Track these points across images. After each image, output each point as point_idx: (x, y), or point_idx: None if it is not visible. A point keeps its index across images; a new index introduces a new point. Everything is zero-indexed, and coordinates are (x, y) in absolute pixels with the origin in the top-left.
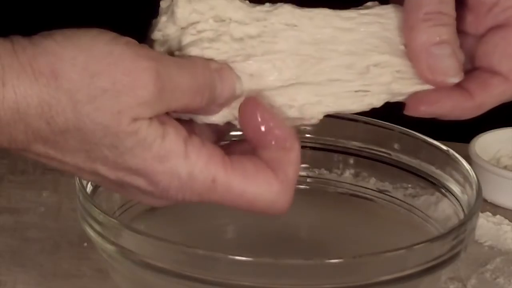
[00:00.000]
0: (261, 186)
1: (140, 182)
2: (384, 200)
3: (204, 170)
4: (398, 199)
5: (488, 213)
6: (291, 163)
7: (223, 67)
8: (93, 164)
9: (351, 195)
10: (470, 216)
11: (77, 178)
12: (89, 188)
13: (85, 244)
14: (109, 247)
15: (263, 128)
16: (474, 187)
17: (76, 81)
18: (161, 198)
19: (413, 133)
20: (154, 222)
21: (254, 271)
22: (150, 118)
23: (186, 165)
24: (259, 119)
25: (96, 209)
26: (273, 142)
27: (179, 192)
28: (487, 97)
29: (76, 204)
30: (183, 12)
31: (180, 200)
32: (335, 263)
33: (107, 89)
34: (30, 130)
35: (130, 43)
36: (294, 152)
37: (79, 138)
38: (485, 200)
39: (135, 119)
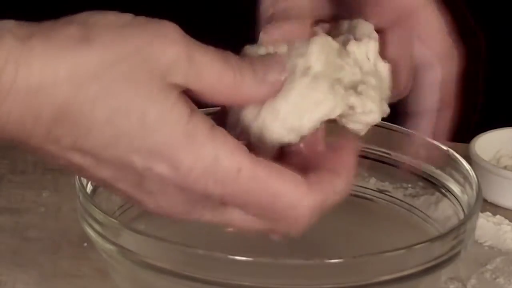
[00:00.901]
0: (286, 184)
1: (163, 169)
2: (384, 200)
3: (229, 156)
4: (398, 199)
5: (488, 213)
6: (332, 185)
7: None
8: (117, 145)
9: (351, 195)
10: (470, 216)
11: (77, 178)
12: (89, 188)
13: (85, 244)
14: (109, 247)
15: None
16: (474, 187)
17: (108, 43)
18: (181, 189)
19: (413, 133)
20: (154, 222)
21: (254, 271)
22: (179, 93)
23: (212, 147)
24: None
25: (96, 209)
26: (323, 162)
27: (202, 177)
28: None
29: (76, 204)
30: None
31: (202, 190)
32: (335, 263)
33: (142, 48)
34: (57, 103)
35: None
36: (341, 180)
37: (107, 108)
38: (485, 200)
39: (167, 83)
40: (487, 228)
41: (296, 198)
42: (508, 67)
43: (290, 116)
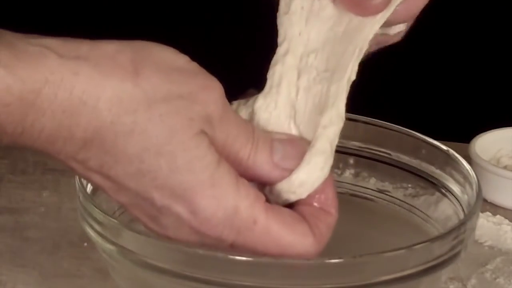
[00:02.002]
0: (297, 237)
1: (181, 210)
2: (384, 200)
3: (249, 208)
4: (398, 199)
5: (488, 213)
6: (327, 225)
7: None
8: (141, 179)
9: (351, 195)
10: (470, 216)
11: (77, 178)
12: (89, 188)
13: (85, 244)
14: (109, 247)
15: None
16: (474, 187)
17: (155, 83)
18: (195, 231)
19: (413, 133)
20: None
21: (254, 271)
22: (211, 140)
23: (234, 198)
24: None
25: (96, 209)
26: (316, 204)
27: (219, 225)
28: None
29: (76, 204)
30: None
31: (217, 236)
32: (335, 263)
33: (183, 96)
34: (91, 127)
35: (201, 68)
36: (333, 218)
37: (141, 142)
38: (485, 200)
39: (201, 131)
40: (487, 228)
41: (304, 249)
42: (508, 67)
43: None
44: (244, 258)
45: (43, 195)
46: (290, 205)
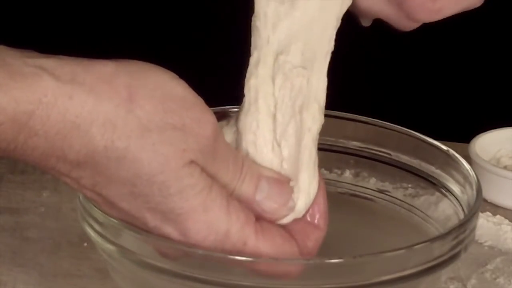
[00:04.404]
0: (285, 256)
1: (172, 232)
2: (384, 200)
3: (240, 231)
4: (398, 199)
5: (488, 213)
6: (315, 241)
7: (277, 179)
8: (133, 201)
9: (351, 195)
10: (470, 216)
11: None
12: None
13: (85, 244)
14: (109, 247)
15: None
16: (474, 187)
17: (150, 111)
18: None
19: (413, 133)
20: None
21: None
22: (202, 169)
23: (226, 221)
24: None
25: (96, 209)
26: (307, 217)
27: (210, 247)
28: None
29: (76, 204)
30: None
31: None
32: (335, 263)
33: (177, 128)
34: (84, 150)
35: (197, 96)
36: (321, 232)
37: (133, 169)
38: (485, 200)
39: (193, 162)
40: (487, 228)
41: (291, 268)
42: (508, 67)
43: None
44: (244, 258)
45: (43, 195)
46: None
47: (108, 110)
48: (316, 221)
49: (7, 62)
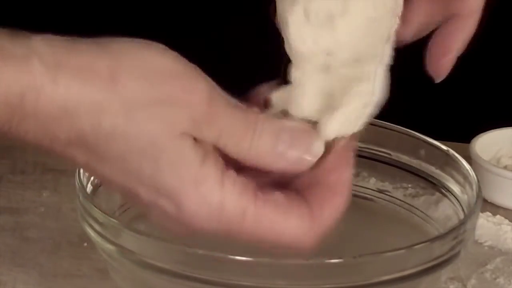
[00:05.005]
0: (292, 221)
1: (167, 205)
2: (384, 200)
3: (235, 202)
4: (398, 199)
5: (488, 213)
6: (333, 206)
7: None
8: (126, 177)
9: (351, 195)
10: (470, 216)
11: (77, 178)
12: (89, 188)
13: (85, 244)
14: (109, 247)
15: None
16: (474, 187)
17: (134, 89)
18: (184, 224)
19: (413, 133)
20: None
21: (254, 271)
22: (195, 140)
23: (219, 193)
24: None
25: (96, 209)
26: (323, 183)
27: (206, 221)
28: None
29: (76, 204)
30: None
31: (206, 229)
32: (335, 263)
33: (163, 101)
34: (73, 131)
35: (189, 64)
36: (341, 198)
37: (122, 146)
38: (485, 200)
39: (183, 134)
40: (487, 228)
41: (301, 234)
42: (508, 67)
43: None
44: (244, 258)
45: (43, 195)
46: (294, 186)
47: (93, 93)
48: (336, 187)
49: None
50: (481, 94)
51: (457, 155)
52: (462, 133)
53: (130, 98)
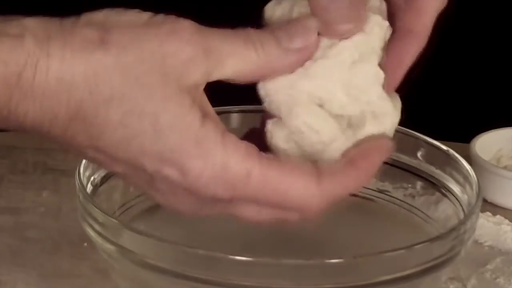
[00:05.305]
0: (299, 180)
1: (172, 173)
2: (384, 200)
3: (240, 162)
4: (398, 199)
5: (488, 213)
6: (345, 175)
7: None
8: (129, 147)
9: (351, 195)
10: (470, 216)
11: (77, 178)
12: (89, 188)
13: (85, 244)
14: (109, 247)
15: None
16: (474, 187)
17: (124, 44)
18: (190, 193)
19: (413, 133)
20: (154, 222)
21: (254, 271)
22: (194, 96)
23: (222, 154)
24: None
25: (96, 209)
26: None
27: (210, 183)
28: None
29: (76, 204)
30: None
31: (212, 194)
32: (335, 263)
33: (154, 51)
34: (72, 103)
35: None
36: (355, 171)
37: (121, 107)
38: (485, 200)
39: (182, 88)
40: (487, 228)
41: (308, 195)
42: (508, 67)
43: None
44: (244, 258)
45: (43, 195)
46: None
47: (85, 59)
48: (354, 161)
49: None
50: (481, 94)
51: (457, 155)
52: (462, 133)
53: (123, 56)
